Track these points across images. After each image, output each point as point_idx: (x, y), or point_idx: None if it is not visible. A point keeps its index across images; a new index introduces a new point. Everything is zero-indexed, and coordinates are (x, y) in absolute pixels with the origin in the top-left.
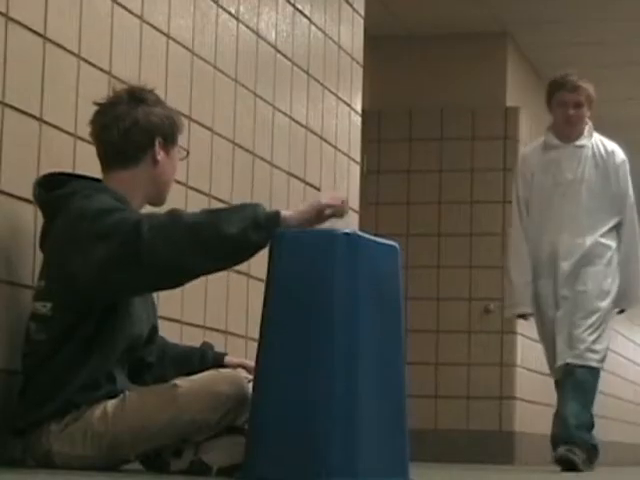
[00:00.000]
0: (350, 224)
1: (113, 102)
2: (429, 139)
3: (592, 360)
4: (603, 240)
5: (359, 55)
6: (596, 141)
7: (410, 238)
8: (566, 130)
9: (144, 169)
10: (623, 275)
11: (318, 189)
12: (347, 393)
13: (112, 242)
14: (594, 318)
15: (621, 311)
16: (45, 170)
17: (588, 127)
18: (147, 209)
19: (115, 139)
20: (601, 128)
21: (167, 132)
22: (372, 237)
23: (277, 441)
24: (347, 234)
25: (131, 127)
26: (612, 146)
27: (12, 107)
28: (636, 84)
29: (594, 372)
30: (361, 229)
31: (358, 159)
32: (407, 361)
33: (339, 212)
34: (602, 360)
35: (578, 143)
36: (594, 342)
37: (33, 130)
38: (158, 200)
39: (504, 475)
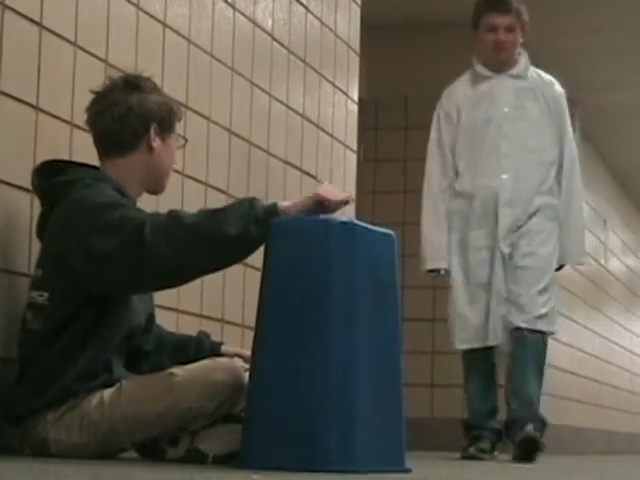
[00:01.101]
0: (346, 212)
1: (108, 89)
2: (426, 128)
3: (545, 325)
4: (549, 187)
5: (356, 43)
6: (532, 73)
7: (407, 227)
8: (496, 57)
9: (139, 156)
10: (565, 225)
11: (315, 177)
12: (344, 381)
13: (114, 240)
14: (544, 282)
15: (560, 267)
16: (41, 158)
17: (524, 56)
18: (146, 197)
19: (109, 125)
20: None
21: (163, 119)
22: (369, 225)
23: (274, 429)
24: (343, 222)
25: (125, 113)
26: (549, 77)
27: (8, 95)
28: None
29: (546, 338)
30: (358, 217)
31: (355, 147)
32: (403, 349)
33: (338, 206)
34: (554, 324)
35: (513, 72)
36: (544, 306)
37: (29, 118)
38: (156, 188)
39: (500, 463)
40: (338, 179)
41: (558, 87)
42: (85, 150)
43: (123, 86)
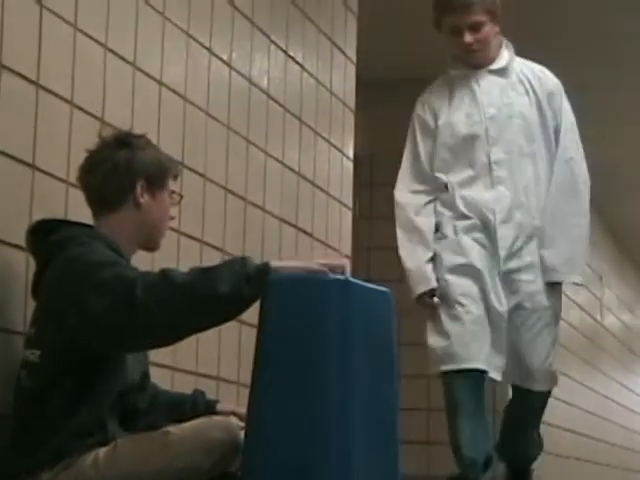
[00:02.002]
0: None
1: (99, 147)
2: None
3: (552, 382)
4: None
5: (351, 101)
6: (519, 65)
7: (403, 283)
8: (470, 61)
9: (128, 213)
10: (558, 228)
11: (310, 235)
12: (341, 439)
13: (106, 299)
14: (554, 332)
15: (557, 283)
16: (37, 217)
17: (507, 46)
18: (142, 254)
19: (97, 183)
20: None
21: (152, 175)
22: (364, 283)
23: None
24: (339, 280)
25: (111, 170)
26: (540, 67)
27: (4, 154)
28: None
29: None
30: (353, 274)
31: (350, 204)
32: (400, 406)
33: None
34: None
35: (495, 67)
36: (553, 361)
37: (25, 176)
38: (150, 244)
39: None
40: (334, 236)
41: (551, 78)
42: (81, 208)
43: (113, 144)
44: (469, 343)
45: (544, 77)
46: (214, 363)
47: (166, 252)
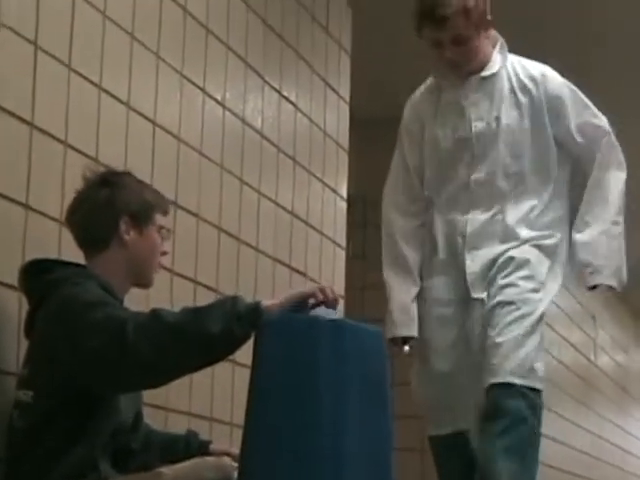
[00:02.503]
0: (336, 309)
1: (83, 187)
2: None
3: (525, 380)
4: (539, 219)
5: (345, 140)
6: (513, 65)
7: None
8: (456, 73)
9: (115, 251)
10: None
11: (304, 274)
12: (335, 478)
13: (98, 339)
14: (527, 326)
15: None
16: (30, 256)
17: (499, 48)
18: (135, 294)
19: (81, 223)
20: None
21: (136, 211)
22: (358, 323)
23: None
24: (333, 320)
25: (93, 209)
26: (540, 68)
27: None
28: None
29: (530, 401)
30: (347, 314)
31: (344, 244)
32: (394, 447)
33: (324, 301)
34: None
35: (486, 73)
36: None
37: (19, 216)
38: (141, 281)
39: None
40: (327, 276)
41: (554, 77)
42: (74, 248)
43: (96, 183)
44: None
45: (544, 78)
46: (207, 403)
47: (159, 292)
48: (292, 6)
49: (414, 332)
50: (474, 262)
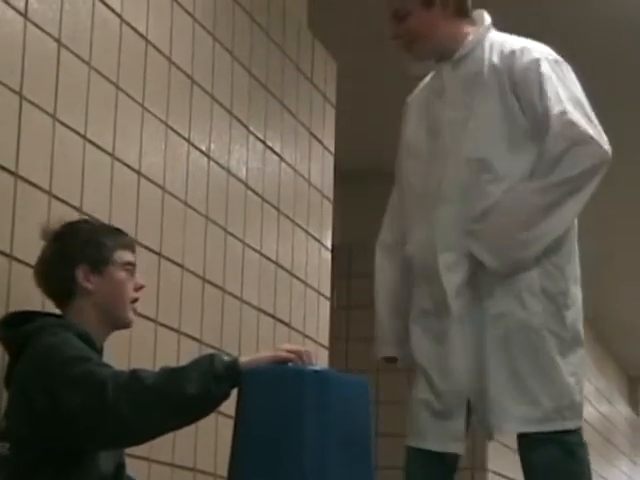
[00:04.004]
0: (320, 361)
1: (43, 247)
2: None
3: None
4: None
5: (329, 191)
6: (491, 46)
7: (380, 373)
8: (410, 55)
9: (82, 301)
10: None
11: (288, 325)
12: None
13: (77, 398)
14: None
15: None
16: (15, 307)
17: (482, 26)
18: (119, 344)
19: (42, 283)
20: None
21: (91, 257)
22: (342, 373)
23: None
24: (316, 371)
25: (49, 267)
26: (518, 43)
27: None
28: None
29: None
30: (331, 365)
31: (328, 294)
32: None
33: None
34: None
35: (456, 56)
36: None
37: (2, 266)
38: (118, 322)
39: None
40: (312, 326)
41: (531, 53)
42: None
43: (50, 240)
44: None
45: (521, 56)
46: (191, 455)
47: (143, 342)
48: (277, 57)
49: (394, 351)
50: (446, 267)
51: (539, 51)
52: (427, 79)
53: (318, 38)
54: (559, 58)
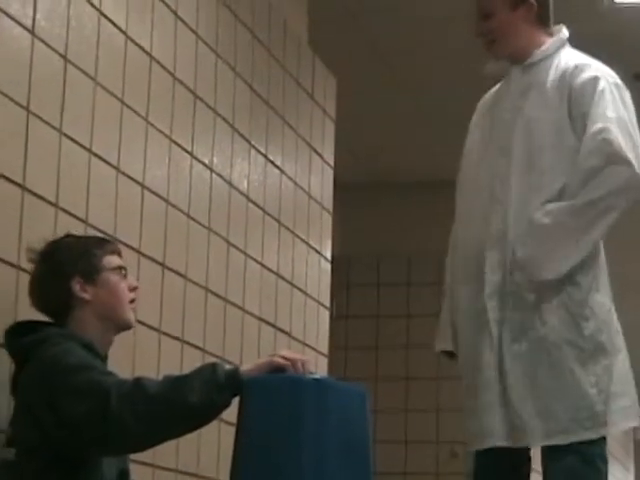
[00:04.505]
0: (319, 369)
1: (32, 269)
2: (397, 285)
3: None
4: None
5: (329, 204)
6: (559, 57)
7: (379, 382)
8: (490, 52)
9: (81, 311)
10: None
11: (289, 334)
12: None
13: (81, 407)
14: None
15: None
16: (22, 317)
17: (557, 38)
18: (124, 352)
19: (38, 303)
20: None
21: (82, 268)
22: (340, 382)
23: None
24: (316, 379)
25: (42, 287)
26: (584, 60)
27: None
28: None
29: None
30: (330, 373)
31: (327, 304)
32: None
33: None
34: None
35: (527, 62)
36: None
37: (10, 277)
38: (120, 325)
39: None
40: (311, 335)
41: (592, 71)
42: None
43: (39, 261)
44: None
45: (579, 71)
46: (194, 460)
47: (147, 350)
48: (278, 73)
49: (449, 345)
50: (492, 269)
51: (601, 71)
52: (498, 85)
53: (318, 55)
54: (619, 82)
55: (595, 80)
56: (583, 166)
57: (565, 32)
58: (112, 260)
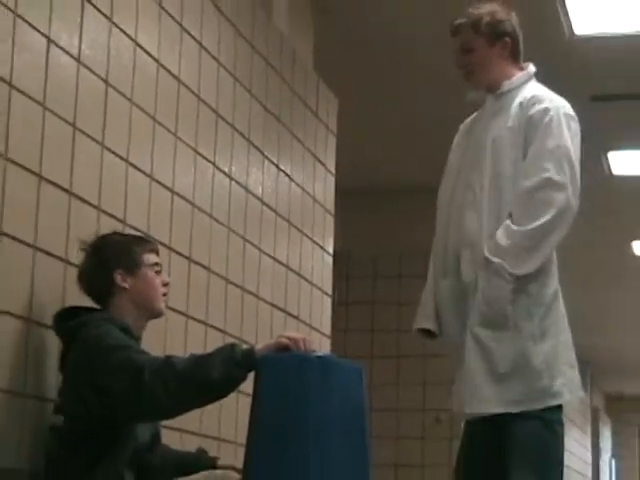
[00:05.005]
0: (323, 348)
1: (83, 259)
2: (390, 277)
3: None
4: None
5: (331, 207)
6: (524, 89)
7: (374, 360)
8: (469, 83)
9: (120, 298)
10: None
11: (297, 317)
12: None
13: (119, 381)
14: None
15: None
16: (69, 303)
17: (526, 72)
18: (156, 333)
19: (86, 288)
20: None
21: (125, 262)
22: (341, 359)
23: None
24: (319, 357)
25: (90, 275)
26: (540, 93)
27: (43, 251)
28: None
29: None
30: (332, 352)
31: (330, 293)
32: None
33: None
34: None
35: (500, 90)
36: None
37: (58, 269)
38: (154, 313)
39: None
40: (316, 319)
41: (543, 103)
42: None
43: (89, 253)
44: None
45: (532, 99)
46: (215, 426)
47: (175, 332)
48: (287, 95)
49: (430, 324)
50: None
51: (553, 102)
52: (478, 111)
53: (322, 79)
54: (569, 111)
55: (545, 111)
56: (522, 188)
57: (532, 68)
58: (150, 257)
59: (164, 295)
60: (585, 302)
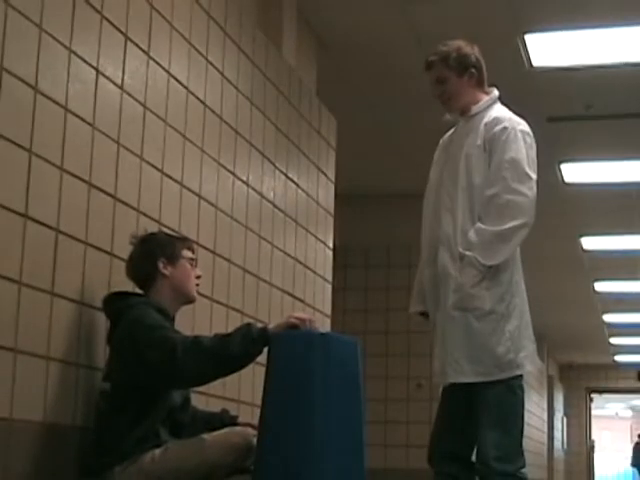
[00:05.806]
0: (325, 326)
1: (133, 248)
2: (379, 266)
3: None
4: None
5: (331, 208)
6: (492, 111)
7: (367, 335)
8: (447, 109)
9: (160, 283)
10: None
11: (302, 301)
12: (322, 445)
13: (156, 355)
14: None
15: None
16: (114, 289)
17: (491, 96)
18: (187, 315)
19: (133, 273)
20: None
21: (167, 252)
22: (340, 335)
23: (274, 477)
24: (322, 334)
25: (136, 262)
26: (502, 114)
27: (92, 246)
28: None
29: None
30: (332, 329)
31: (330, 280)
32: (366, 419)
33: (306, 325)
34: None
35: (470, 114)
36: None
37: (105, 261)
38: (187, 299)
39: None
40: (319, 302)
41: (502, 123)
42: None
43: (138, 243)
44: None
45: (495, 122)
46: (236, 391)
47: (202, 314)
48: (295, 116)
49: (422, 307)
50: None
51: (512, 122)
52: (453, 129)
53: (324, 103)
54: (525, 128)
55: (504, 129)
56: (487, 193)
57: (496, 92)
58: (188, 253)
59: (197, 285)
60: (542, 287)
